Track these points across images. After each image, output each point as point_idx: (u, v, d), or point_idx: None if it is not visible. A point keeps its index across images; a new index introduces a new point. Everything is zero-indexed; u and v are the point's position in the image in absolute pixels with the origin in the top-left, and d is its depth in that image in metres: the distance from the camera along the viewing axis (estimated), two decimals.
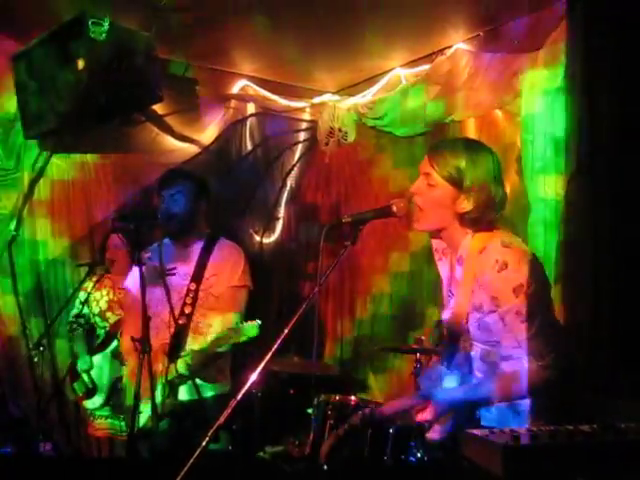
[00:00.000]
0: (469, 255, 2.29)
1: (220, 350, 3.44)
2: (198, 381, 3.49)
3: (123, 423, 4.21)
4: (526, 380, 2.23)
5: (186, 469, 1.93)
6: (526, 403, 2.30)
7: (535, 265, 2.25)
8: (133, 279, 3.69)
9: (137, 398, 3.12)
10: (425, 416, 2.27)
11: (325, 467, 2.41)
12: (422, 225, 2.38)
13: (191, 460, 1.95)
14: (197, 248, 3.72)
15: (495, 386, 2.31)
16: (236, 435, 3.34)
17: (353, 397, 2.53)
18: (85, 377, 4.28)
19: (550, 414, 2.27)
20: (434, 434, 2.26)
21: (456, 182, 2.26)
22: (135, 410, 3.11)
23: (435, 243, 2.56)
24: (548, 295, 2.36)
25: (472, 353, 2.40)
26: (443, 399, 2.28)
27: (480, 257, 2.24)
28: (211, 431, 2.03)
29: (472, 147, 2.37)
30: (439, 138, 4.18)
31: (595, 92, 3.18)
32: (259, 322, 3.36)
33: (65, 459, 4.16)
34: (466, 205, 2.27)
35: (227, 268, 3.67)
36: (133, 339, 3.31)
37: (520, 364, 2.23)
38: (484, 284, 2.23)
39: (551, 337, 2.23)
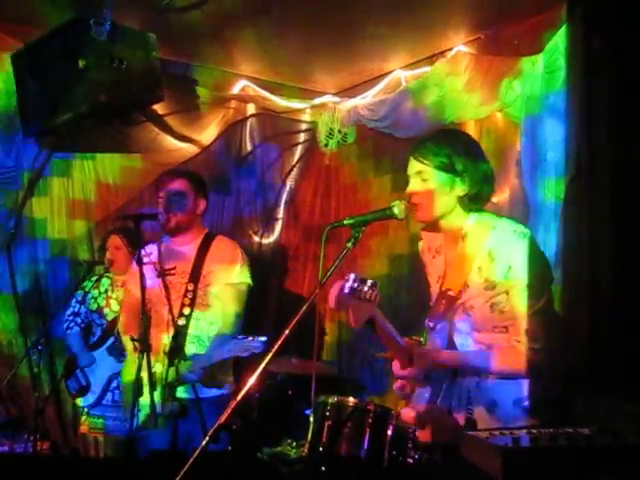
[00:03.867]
0: (476, 232, 2.35)
1: (223, 359, 3.44)
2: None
3: (117, 422, 4.21)
4: (519, 358, 2.27)
5: (186, 468, 1.93)
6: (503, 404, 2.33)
7: (542, 253, 2.39)
8: (134, 279, 3.68)
9: (136, 397, 3.13)
10: (410, 373, 2.30)
11: (323, 469, 2.41)
12: (424, 216, 2.42)
13: (191, 460, 1.95)
14: (195, 247, 3.72)
15: (487, 357, 2.34)
16: (235, 436, 3.34)
17: (351, 398, 2.53)
18: (79, 374, 4.28)
19: (545, 408, 2.30)
20: (410, 414, 2.28)
21: (449, 168, 2.36)
22: (134, 409, 3.11)
23: (427, 242, 2.59)
24: (551, 281, 2.44)
25: (460, 342, 2.43)
26: (431, 357, 2.36)
27: (495, 232, 2.33)
28: (211, 431, 2.02)
29: (451, 135, 2.57)
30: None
31: (595, 96, 3.18)
32: (265, 339, 3.33)
33: (62, 458, 4.15)
34: (464, 186, 2.37)
35: (223, 265, 3.67)
36: (132, 339, 3.32)
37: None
38: (501, 254, 2.29)
39: (548, 323, 2.30)
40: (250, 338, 3.36)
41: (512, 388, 2.34)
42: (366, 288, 2.19)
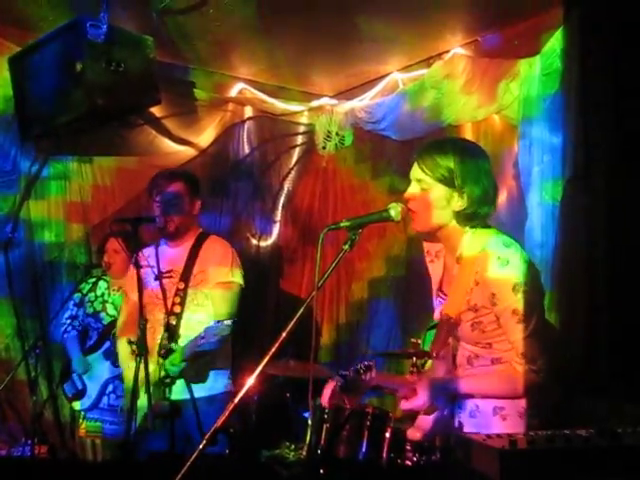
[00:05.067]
0: (469, 254, 2.32)
1: (200, 349, 3.40)
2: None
3: (113, 426, 4.21)
4: (517, 381, 2.26)
5: (183, 471, 1.93)
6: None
7: (532, 269, 2.31)
8: (131, 283, 3.68)
9: (133, 400, 3.12)
10: (415, 404, 2.29)
11: (321, 471, 2.41)
12: (420, 226, 2.40)
13: (188, 463, 1.95)
14: (188, 247, 3.72)
15: (489, 382, 2.34)
16: (233, 438, 3.34)
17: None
18: (75, 378, 4.27)
19: (542, 415, 2.30)
20: (416, 434, 2.28)
21: (449, 182, 2.30)
22: (131, 412, 3.11)
23: (427, 245, 2.58)
24: (542, 301, 2.40)
25: (458, 354, 2.42)
26: (434, 385, 2.32)
27: (482, 255, 2.28)
28: (209, 434, 2.02)
29: (459, 146, 2.44)
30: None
31: (592, 97, 3.19)
32: (230, 322, 3.38)
33: (60, 462, 4.15)
34: (461, 202, 2.31)
35: (214, 264, 3.65)
36: (130, 342, 3.32)
37: (511, 367, 2.28)
38: (484, 281, 2.25)
39: (543, 341, 2.27)
40: (219, 322, 3.39)
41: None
42: (357, 380, 2.23)
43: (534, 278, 2.30)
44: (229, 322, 3.39)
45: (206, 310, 3.63)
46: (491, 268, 2.24)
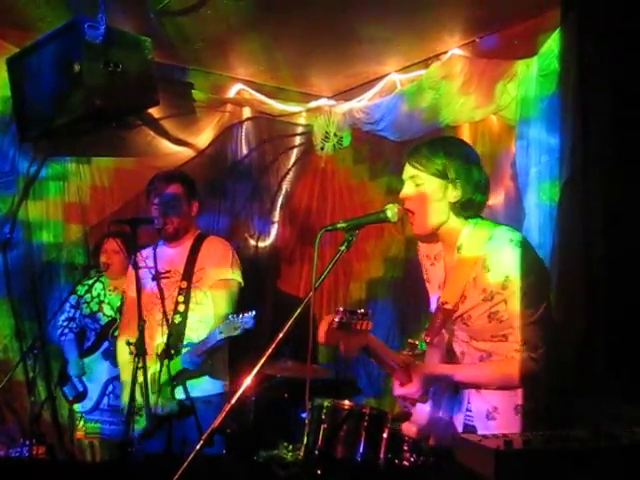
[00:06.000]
0: (472, 243, 2.34)
1: (218, 343, 3.43)
2: (200, 379, 3.53)
3: (113, 426, 4.21)
4: (514, 369, 2.27)
5: (180, 473, 1.93)
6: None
7: (539, 257, 2.37)
8: (131, 283, 3.69)
9: (132, 401, 3.12)
10: (409, 390, 2.28)
11: (319, 472, 2.41)
12: (420, 229, 2.41)
13: (185, 464, 1.95)
14: (187, 247, 3.75)
15: (485, 370, 2.35)
16: (230, 439, 3.34)
17: (347, 401, 2.53)
18: (76, 381, 4.27)
19: (540, 405, 2.30)
20: (411, 428, 2.28)
21: (442, 175, 2.35)
22: (130, 413, 3.11)
23: (425, 249, 2.58)
24: (549, 290, 2.43)
25: (467, 355, 2.42)
26: (429, 372, 2.32)
27: (491, 243, 2.31)
28: (205, 434, 2.02)
29: (448, 143, 2.52)
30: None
31: (588, 99, 3.19)
32: (254, 313, 3.38)
33: (58, 463, 4.14)
34: (456, 192, 2.36)
35: (213, 261, 3.69)
36: (128, 343, 3.32)
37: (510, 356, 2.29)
38: (497, 265, 2.27)
39: (546, 330, 2.28)
40: (239, 315, 3.39)
41: (513, 394, 2.34)
42: (356, 320, 2.16)
43: (542, 265, 2.37)
44: (251, 314, 3.38)
45: (205, 308, 3.66)
46: (505, 250, 2.27)
